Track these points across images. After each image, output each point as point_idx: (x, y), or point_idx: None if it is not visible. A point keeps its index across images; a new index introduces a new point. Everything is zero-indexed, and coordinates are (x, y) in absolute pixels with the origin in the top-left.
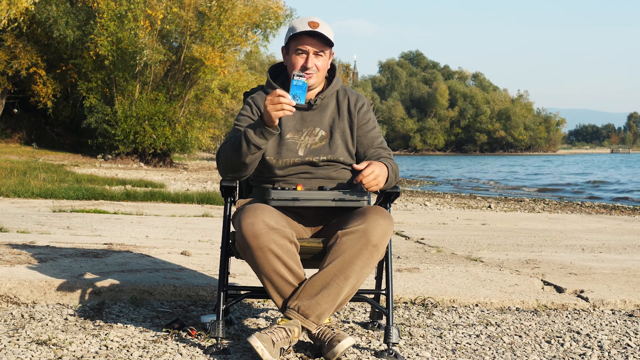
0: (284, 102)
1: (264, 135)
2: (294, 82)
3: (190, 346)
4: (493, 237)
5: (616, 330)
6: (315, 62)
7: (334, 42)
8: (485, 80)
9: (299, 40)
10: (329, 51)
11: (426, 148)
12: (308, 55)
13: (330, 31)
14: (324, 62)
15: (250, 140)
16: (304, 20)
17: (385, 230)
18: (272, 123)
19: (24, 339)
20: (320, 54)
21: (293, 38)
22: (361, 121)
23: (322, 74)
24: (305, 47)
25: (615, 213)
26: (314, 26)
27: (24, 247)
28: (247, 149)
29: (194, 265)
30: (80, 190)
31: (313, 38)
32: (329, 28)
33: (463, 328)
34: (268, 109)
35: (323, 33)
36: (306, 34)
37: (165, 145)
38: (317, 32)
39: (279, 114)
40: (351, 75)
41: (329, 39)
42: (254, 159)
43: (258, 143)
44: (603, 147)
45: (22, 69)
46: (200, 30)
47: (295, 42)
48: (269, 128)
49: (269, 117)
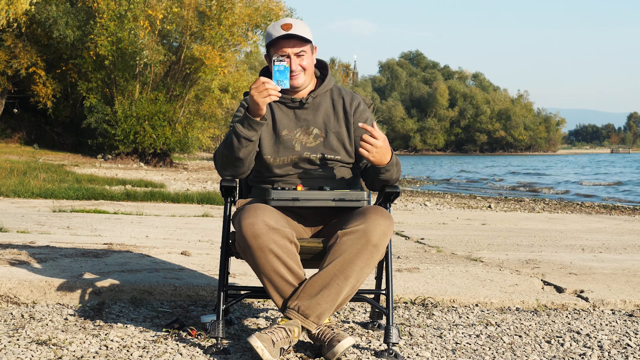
0: (269, 87)
1: (252, 127)
2: (275, 67)
3: (190, 346)
4: (493, 237)
5: (616, 330)
6: (298, 62)
7: (312, 37)
8: (485, 80)
9: (277, 45)
10: (309, 47)
11: (426, 148)
12: (290, 59)
13: (305, 28)
14: (308, 60)
15: (239, 133)
16: (277, 24)
17: (385, 230)
18: (260, 111)
19: (24, 339)
20: (301, 54)
21: (272, 45)
22: (359, 120)
23: (309, 71)
24: (284, 51)
25: (615, 213)
26: (287, 28)
27: (24, 247)
28: (238, 143)
29: (194, 265)
30: (80, 190)
31: (289, 40)
32: (303, 25)
33: (463, 328)
34: (254, 97)
35: (297, 34)
36: (282, 38)
37: (165, 145)
38: (291, 34)
39: (266, 100)
40: (351, 75)
41: (305, 38)
42: (248, 152)
43: (248, 135)
44: (603, 147)
45: (22, 68)
46: (201, 30)
47: (274, 49)
48: (256, 118)
49: (256, 105)
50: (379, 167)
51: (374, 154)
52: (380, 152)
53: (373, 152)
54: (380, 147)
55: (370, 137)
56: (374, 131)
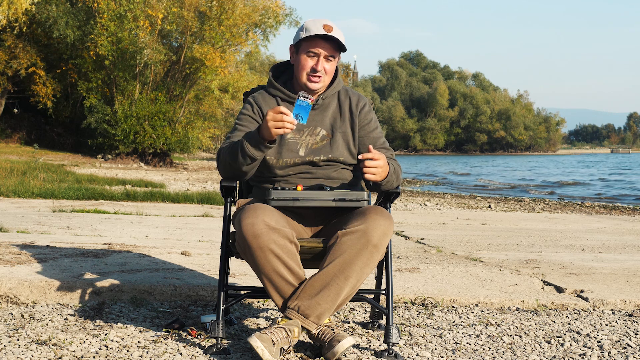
0: (286, 120)
1: (260, 149)
2: (299, 102)
3: (190, 346)
4: (493, 237)
5: (616, 330)
6: (324, 65)
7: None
8: (485, 80)
9: (312, 42)
10: (338, 56)
11: (426, 148)
12: (319, 58)
13: (342, 36)
14: (332, 67)
15: (246, 152)
16: (318, 22)
17: (385, 230)
18: (271, 138)
19: (24, 339)
20: (330, 58)
21: (306, 39)
22: (363, 122)
23: (328, 77)
24: (317, 50)
25: (615, 213)
26: (328, 30)
27: (24, 247)
28: (242, 159)
29: (194, 265)
30: (80, 190)
31: (327, 42)
32: (341, 33)
33: (463, 328)
34: (269, 125)
35: (337, 38)
36: (320, 37)
37: (165, 145)
38: (331, 36)
39: (279, 131)
40: (351, 75)
41: (341, 44)
42: (252, 167)
43: (254, 155)
44: (603, 147)
45: (22, 68)
46: (201, 30)
47: (308, 44)
48: (266, 142)
49: (268, 132)
50: (381, 182)
51: (380, 175)
52: (384, 170)
53: (378, 173)
54: (382, 167)
55: (372, 161)
56: (374, 154)
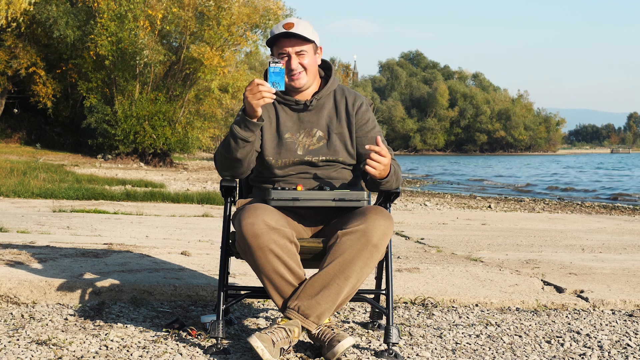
0: (263, 89)
1: (248, 128)
2: (271, 69)
3: (190, 346)
4: (493, 237)
5: (616, 330)
6: (299, 61)
7: (315, 38)
8: (485, 80)
9: (278, 44)
10: (311, 47)
11: (426, 148)
12: (290, 57)
13: (308, 27)
14: (310, 60)
15: (236, 134)
16: (280, 24)
17: (385, 230)
18: (255, 113)
19: (24, 339)
20: (302, 53)
21: (273, 44)
22: (360, 121)
23: (311, 71)
24: (284, 50)
25: (615, 213)
26: (288, 27)
27: (24, 247)
28: (235, 144)
29: (194, 265)
30: (80, 190)
31: (290, 39)
32: (306, 25)
33: (463, 328)
34: (248, 99)
35: (297, 32)
36: (282, 36)
37: (165, 145)
38: (292, 33)
39: (260, 102)
40: (351, 75)
41: (305, 37)
42: (246, 153)
43: (244, 136)
44: (603, 147)
45: (22, 68)
46: (200, 30)
47: (276, 47)
48: (252, 119)
49: (250, 107)
50: (379, 180)
51: (380, 171)
52: (385, 169)
53: (379, 169)
54: (386, 165)
55: (377, 155)
56: (382, 150)
